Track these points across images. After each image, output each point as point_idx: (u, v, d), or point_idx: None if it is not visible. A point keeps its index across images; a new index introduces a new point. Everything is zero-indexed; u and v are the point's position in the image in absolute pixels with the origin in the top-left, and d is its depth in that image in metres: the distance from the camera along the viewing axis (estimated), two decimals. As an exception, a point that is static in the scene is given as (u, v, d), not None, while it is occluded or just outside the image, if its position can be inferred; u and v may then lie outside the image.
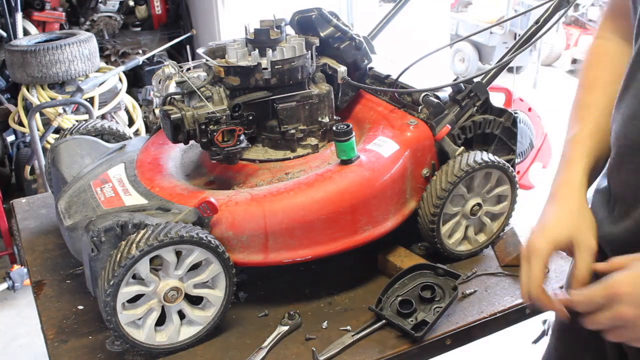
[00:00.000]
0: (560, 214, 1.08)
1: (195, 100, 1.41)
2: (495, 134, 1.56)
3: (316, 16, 1.60)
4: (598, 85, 1.17)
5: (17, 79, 3.67)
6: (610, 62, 1.19)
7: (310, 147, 1.50)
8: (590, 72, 1.20)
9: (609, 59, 1.19)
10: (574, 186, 1.10)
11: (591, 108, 1.15)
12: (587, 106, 1.16)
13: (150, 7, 4.99)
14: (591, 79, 1.19)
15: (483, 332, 1.37)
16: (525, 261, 1.08)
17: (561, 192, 1.10)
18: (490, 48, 7.04)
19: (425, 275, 1.40)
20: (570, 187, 1.10)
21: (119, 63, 4.47)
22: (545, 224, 1.08)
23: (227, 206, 1.29)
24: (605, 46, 1.22)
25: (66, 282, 1.51)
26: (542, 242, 1.06)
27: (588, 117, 1.14)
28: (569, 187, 1.10)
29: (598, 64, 1.20)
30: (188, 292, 1.25)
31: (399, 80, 1.62)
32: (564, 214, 1.07)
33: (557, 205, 1.09)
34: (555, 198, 1.10)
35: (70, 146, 1.60)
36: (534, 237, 1.08)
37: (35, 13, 4.25)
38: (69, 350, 1.29)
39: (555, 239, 1.06)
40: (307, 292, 1.45)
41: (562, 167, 1.13)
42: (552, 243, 1.05)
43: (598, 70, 1.19)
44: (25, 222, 1.78)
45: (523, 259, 1.09)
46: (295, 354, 1.26)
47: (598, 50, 1.22)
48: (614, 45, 1.20)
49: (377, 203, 1.38)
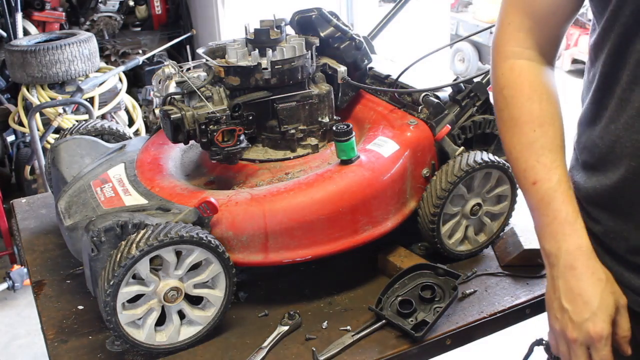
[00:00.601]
0: (598, 287, 1.01)
1: (195, 100, 1.41)
2: (495, 134, 1.56)
3: (316, 16, 1.60)
4: (547, 121, 1.07)
5: (17, 79, 3.67)
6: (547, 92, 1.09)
7: (310, 147, 1.50)
8: (532, 104, 1.08)
9: (544, 86, 1.09)
10: (589, 251, 1.03)
11: (553, 151, 1.06)
12: (547, 149, 1.06)
13: (150, 7, 4.99)
14: (536, 113, 1.07)
15: (483, 332, 1.37)
16: (580, 350, 1.02)
17: (581, 262, 1.02)
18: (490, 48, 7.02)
19: (425, 275, 1.40)
20: (586, 254, 1.03)
21: (119, 63, 4.47)
22: (591, 303, 1.00)
23: (227, 206, 1.29)
24: (533, 71, 1.10)
25: (66, 282, 1.51)
26: (602, 325, 1.00)
27: (554, 162, 1.06)
28: (584, 254, 1.03)
29: (536, 94, 1.08)
30: (188, 292, 1.25)
31: (399, 80, 1.62)
32: (601, 287, 1.02)
33: (587, 279, 1.02)
34: (579, 270, 1.02)
35: (70, 146, 1.60)
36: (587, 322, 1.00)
37: (35, 13, 4.25)
38: (69, 350, 1.29)
39: (610, 314, 1.01)
40: (307, 292, 1.45)
41: (558, 229, 1.04)
42: (610, 321, 1.01)
43: (541, 103, 1.08)
44: (25, 222, 1.78)
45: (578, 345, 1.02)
46: (295, 354, 1.26)
47: (529, 77, 1.10)
48: (539, 67, 1.11)
49: (377, 203, 1.38)
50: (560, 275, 1.04)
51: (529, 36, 1.10)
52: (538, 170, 1.06)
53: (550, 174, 1.05)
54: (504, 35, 1.13)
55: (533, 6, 1.09)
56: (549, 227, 1.05)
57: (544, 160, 1.05)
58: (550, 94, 1.09)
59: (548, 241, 1.06)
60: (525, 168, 1.07)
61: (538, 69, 1.11)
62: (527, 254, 1.48)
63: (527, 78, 1.09)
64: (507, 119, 1.11)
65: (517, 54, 1.11)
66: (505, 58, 1.12)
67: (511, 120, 1.10)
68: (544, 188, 1.05)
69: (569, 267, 1.03)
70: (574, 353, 1.03)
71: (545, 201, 1.05)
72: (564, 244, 1.03)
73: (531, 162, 1.06)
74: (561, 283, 1.03)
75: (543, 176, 1.05)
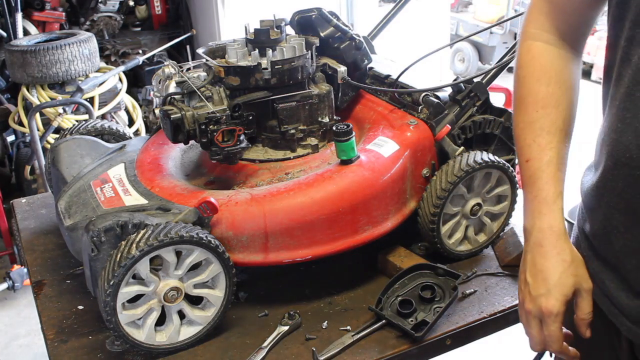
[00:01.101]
0: (560, 267, 1.04)
1: (195, 100, 1.41)
2: (495, 134, 1.56)
3: (316, 16, 1.60)
4: (551, 103, 1.08)
5: (17, 79, 3.67)
6: (557, 74, 1.10)
7: (310, 147, 1.50)
8: (539, 86, 1.09)
9: (555, 70, 1.10)
10: (560, 232, 1.06)
11: (551, 133, 1.07)
12: (545, 130, 1.08)
13: (150, 7, 4.98)
14: (542, 94, 1.09)
15: (483, 332, 1.37)
16: (534, 321, 1.07)
17: (549, 241, 1.06)
18: (490, 48, 7.04)
19: (425, 275, 1.40)
20: (556, 233, 1.06)
21: (119, 63, 4.47)
22: (549, 281, 1.04)
23: (227, 206, 1.29)
24: (548, 53, 1.11)
25: (66, 282, 1.51)
26: (554, 302, 1.03)
27: (550, 144, 1.07)
28: (555, 234, 1.06)
29: (545, 76, 1.10)
30: (188, 292, 1.25)
31: (399, 80, 1.62)
32: (563, 267, 1.04)
33: (552, 257, 1.05)
34: (545, 248, 1.06)
35: (70, 146, 1.60)
36: (541, 297, 1.04)
37: (35, 13, 4.25)
38: (69, 350, 1.29)
39: (565, 294, 1.04)
40: (307, 292, 1.45)
41: (537, 207, 1.08)
42: (563, 300, 1.04)
43: (548, 86, 1.09)
44: (25, 222, 1.78)
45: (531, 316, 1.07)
46: (295, 354, 1.26)
47: (542, 59, 1.11)
48: (555, 50, 1.11)
49: (377, 203, 1.38)
50: (529, 250, 1.08)
51: (548, 20, 1.12)
52: (533, 149, 1.09)
53: (542, 154, 1.08)
54: (528, 16, 1.15)
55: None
56: (530, 204, 1.09)
57: (539, 140, 1.08)
58: (561, 78, 1.10)
59: (526, 217, 1.10)
60: (522, 145, 1.11)
61: (554, 53, 1.12)
62: (527, 254, 1.48)
63: (540, 60, 1.11)
64: (516, 97, 1.14)
65: (536, 36, 1.13)
66: (526, 39, 1.14)
67: (519, 99, 1.13)
68: (534, 167, 1.08)
69: (537, 244, 1.07)
70: (528, 323, 1.09)
71: (532, 179, 1.09)
72: (538, 222, 1.07)
73: (528, 141, 1.10)
74: (529, 257, 1.08)
75: (535, 155, 1.08)
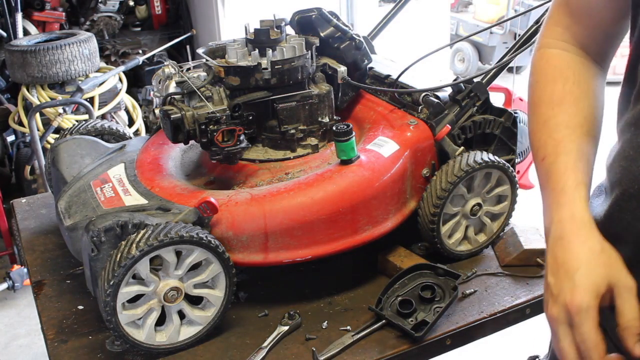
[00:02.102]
0: (585, 254, 0.85)
1: (195, 100, 1.41)
2: (495, 134, 1.56)
3: (316, 16, 1.60)
4: (569, 101, 0.98)
5: (17, 79, 3.67)
6: (575, 75, 1.01)
7: (310, 147, 1.50)
8: (554, 85, 1.01)
9: (573, 72, 1.02)
10: (583, 221, 0.88)
11: (569, 128, 0.96)
12: (562, 125, 0.97)
13: (150, 7, 4.98)
14: (558, 93, 0.99)
15: (483, 332, 1.37)
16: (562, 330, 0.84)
17: (571, 231, 0.88)
18: (490, 48, 7.04)
19: (425, 275, 1.40)
20: (579, 223, 0.88)
21: (119, 63, 4.47)
22: (572, 271, 0.84)
23: (227, 206, 1.29)
24: (564, 57, 1.04)
25: (66, 282, 1.51)
26: (585, 296, 0.82)
27: (568, 137, 0.95)
28: (577, 223, 0.88)
29: (561, 77, 1.01)
30: (188, 292, 1.25)
31: (399, 80, 1.62)
32: (590, 255, 0.85)
33: (575, 247, 0.86)
34: (567, 239, 0.87)
35: (70, 146, 1.60)
36: (565, 292, 0.84)
37: (35, 13, 4.25)
38: (69, 350, 1.29)
39: (598, 287, 0.83)
40: (307, 292, 1.45)
41: (554, 200, 0.92)
42: (596, 293, 0.83)
43: (565, 85, 1.00)
44: (25, 222, 1.78)
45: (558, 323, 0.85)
46: (295, 354, 1.26)
47: (557, 62, 1.03)
48: (574, 56, 1.04)
49: (377, 203, 1.38)
50: (549, 249, 0.90)
51: (566, 31, 1.05)
52: (548, 145, 0.96)
53: (558, 148, 0.94)
54: (543, 29, 1.09)
55: (569, 5, 1.04)
56: (546, 199, 0.94)
57: (555, 135, 0.96)
58: (579, 79, 1.00)
59: (545, 215, 0.93)
60: (537, 147, 0.99)
61: (570, 57, 1.03)
62: (527, 254, 1.48)
63: (554, 62, 1.03)
64: (530, 103, 1.05)
65: (550, 45, 1.06)
66: (539, 48, 1.07)
67: (532, 103, 1.04)
68: (549, 162, 0.95)
69: (557, 238, 0.89)
70: (557, 335, 0.85)
71: (547, 175, 0.94)
72: (556, 214, 0.90)
73: (543, 139, 0.98)
74: (549, 257, 0.89)
75: (551, 150, 0.95)
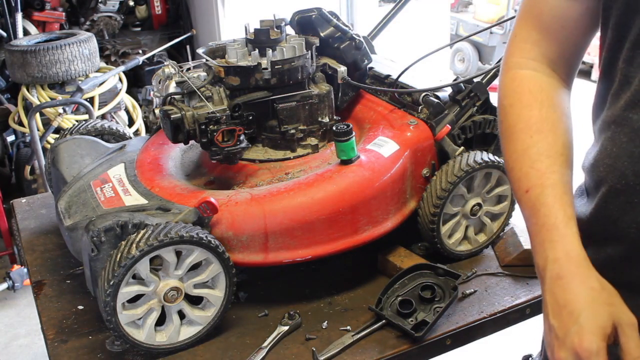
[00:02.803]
0: (588, 295, 0.85)
1: (195, 100, 1.41)
2: (495, 134, 1.56)
3: (316, 16, 1.60)
4: (546, 127, 0.97)
5: (17, 79, 3.67)
6: (549, 99, 1.00)
7: (310, 147, 1.50)
8: (530, 111, 0.99)
9: (547, 95, 1.00)
10: (579, 259, 0.88)
11: (551, 157, 0.95)
12: (543, 154, 0.95)
13: (150, 7, 4.98)
14: (535, 119, 0.98)
15: (483, 332, 1.37)
16: None
17: (568, 270, 0.87)
18: (490, 48, 7.04)
19: (425, 275, 1.40)
20: (576, 261, 0.88)
21: (119, 63, 4.47)
22: (577, 313, 0.84)
23: (227, 206, 1.29)
24: (536, 80, 1.02)
25: (66, 282, 1.51)
26: (590, 337, 0.81)
27: (551, 167, 0.94)
28: (574, 262, 0.88)
29: (536, 102, 0.99)
30: (188, 292, 1.25)
31: (399, 80, 1.62)
32: (592, 295, 0.85)
33: (575, 287, 0.86)
34: (566, 279, 0.87)
35: (70, 146, 1.60)
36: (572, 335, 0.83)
37: (35, 13, 4.24)
38: (69, 350, 1.29)
39: (604, 329, 0.82)
40: (307, 292, 1.45)
41: (547, 237, 0.91)
42: (603, 335, 0.82)
43: (541, 110, 0.98)
44: (25, 222, 1.78)
45: None
46: (295, 354, 1.26)
47: (530, 85, 1.01)
48: (545, 77, 1.03)
49: (377, 203, 1.38)
50: (547, 289, 0.89)
51: (535, 48, 1.03)
52: (531, 176, 0.95)
53: (542, 179, 0.94)
54: (510, 48, 1.07)
55: (540, 19, 1.02)
56: (537, 236, 0.93)
57: (538, 165, 0.95)
58: (554, 103, 1.00)
59: (537, 252, 0.93)
60: (519, 177, 0.97)
61: (542, 79, 1.02)
62: (527, 254, 1.48)
63: (528, 86, 1.01)
64: (504, 128, 1.03)
65: (521, 65, 1.04)
66: (509, 69, 1.05)
67: (507, 129, 1.01)
68: (535, 194, 0.94)
69: (555, 277, 0.88)
70: None
71: (535, 209, 0.93)
72: (551, 253, 0.90)
73: (525, 169, 0.96)
74: (548, 297, 0.89)
75: (535, 182, 0.94)
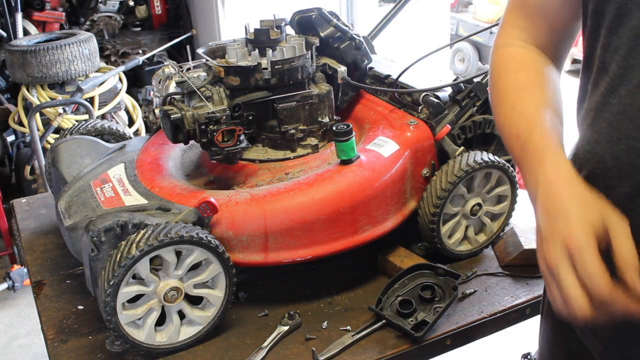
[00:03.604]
0: (577, 197, 0.81)
1: (195, 100, 1.41)
2: (495, 134, 1.56)
3: (316, 16, 1.60)
4: (534, 86, 0.98)
5: (17, 79, 3.67)
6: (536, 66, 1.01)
7: (310, 147, 1.50)
8: (517, 75, 1.00)
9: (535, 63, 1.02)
10: (570, 175, 0.84)
11: (539, 106, 0.94)
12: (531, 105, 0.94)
13: (150, 7, 4.98)
14: (522, 80, 0.99)
15: (483, 332, 1.37)
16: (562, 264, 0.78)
17: (560, 185, 0.83)
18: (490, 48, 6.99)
19: (425, 275, 1.40)
20: (566, 177, 0.84)
21: (119, 63, 4.47)
22: (565, 210, 0.80)
23: (227, 206, 1.29)
24: (523, 52, 1.04)
25: (66, 282, 1.51)
26: (579, 228, 0.77)
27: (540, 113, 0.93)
28: (565, 178, 0.84)
29: (523, 68, 1.01)
30: (188, 292, 1.25)
31: (399, 80, 1.62)
32: (581, 197, 0.81)
33: (565, 195, 0.82)
34: (555, 192, 0.83)
35: (70, 146, 1.60)
36: (563, 228, 0.79)
37: (35, 13, 4.25)
38: (69, 350, 1.29)
39: (590, 220, 0.78)
40: (307, 292, 1.45)
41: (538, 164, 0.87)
42: (589, 227, 0.78)
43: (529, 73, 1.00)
44: (25, 222, 1.78)
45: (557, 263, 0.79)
46: (295, 354, 1.26)
47: (517, 56, 1.04)
48: (534, 51, 1.04)
49: (377, 203, 1.38)
50: (540, 207, 0.85)
51: (522, 33, 1.06)
52: (520, 123, 0.93)
53: (531, 122, 0.92)
54: (499, 33, 1.11)
55: (525, 8, 1.06)
56: (528, 166, 0.90)
57: (527, 112, 0.94)
58: (542, 71, 1.00)
59: (528, 180, 0.89)
60: (509, 128, 0.95)
61: (529, 54, 1.04)
62: (527, 254, 1.48)
63: (514, 57, 1.03)
64: (494, 94, 1.03)
65: (508, 44, 1.07)
66: (497, 49, 1.09)
67: (496, 94, 1.02)
68: (525, 135, 0.91)
69: (546, 195, 0.84)
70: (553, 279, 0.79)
71: (525, 147, 0.91)
72: (542, 176, 0.86)
73: (514, 119, 0.95)
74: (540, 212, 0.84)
75: (525, 127, 0.92)
